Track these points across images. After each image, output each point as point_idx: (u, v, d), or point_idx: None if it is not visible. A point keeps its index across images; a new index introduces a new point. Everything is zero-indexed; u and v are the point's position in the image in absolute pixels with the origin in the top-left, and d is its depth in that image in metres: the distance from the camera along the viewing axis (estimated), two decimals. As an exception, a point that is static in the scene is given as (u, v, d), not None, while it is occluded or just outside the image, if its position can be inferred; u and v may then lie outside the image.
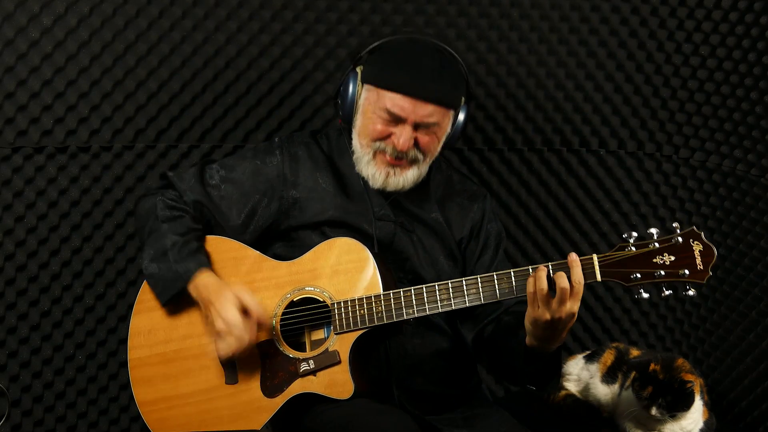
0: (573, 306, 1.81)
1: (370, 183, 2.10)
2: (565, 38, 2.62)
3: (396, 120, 2.04)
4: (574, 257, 1.82)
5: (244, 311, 1.95)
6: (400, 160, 2.07)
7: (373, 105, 2.06)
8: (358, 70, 2.09)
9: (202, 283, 2.01)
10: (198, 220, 2.11)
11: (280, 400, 1.99)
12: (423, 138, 2.06)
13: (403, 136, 2.04)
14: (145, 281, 2.12)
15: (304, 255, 2.04)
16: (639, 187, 2.76)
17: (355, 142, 2.12)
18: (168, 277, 2.03)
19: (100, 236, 2.50)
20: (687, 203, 2.73)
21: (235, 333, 1.94)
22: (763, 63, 2.50)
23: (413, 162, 2.09)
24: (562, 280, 1.79)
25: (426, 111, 2.03)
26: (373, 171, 2.09)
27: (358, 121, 2.10)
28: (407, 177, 2.10)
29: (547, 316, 1.81)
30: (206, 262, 2.05)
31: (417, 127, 2.04)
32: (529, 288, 1.84)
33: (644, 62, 2.66)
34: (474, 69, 2.59)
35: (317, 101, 2.55)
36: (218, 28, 2.44)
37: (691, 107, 2.66)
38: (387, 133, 2.06)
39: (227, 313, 1.94)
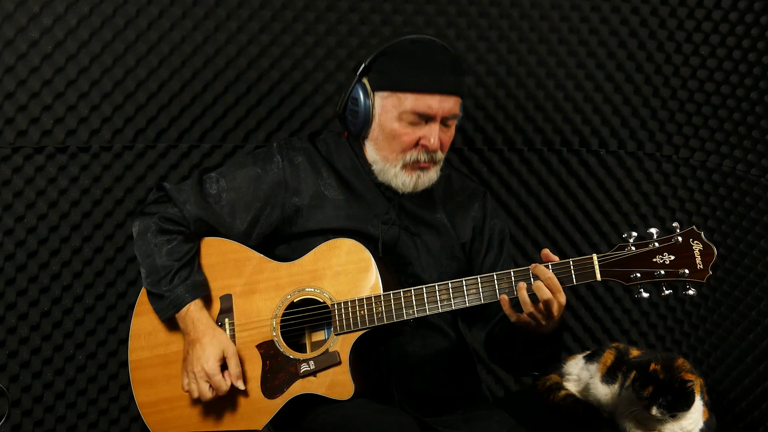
0: (561, 299, 1.86)
1: (401, 190, 2.08)
2: (565, 38, 2.62)
3: (425, 119, 2.03)
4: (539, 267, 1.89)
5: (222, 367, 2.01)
6: (430, 162, 2.07)
7: (392, 111, 2.03)
8: (365, 80, 2.06)
9: (192, 317, 2.04)
10: (193, 238, 2.11)
11: (280, 401, 1.99)
12: (444, 136, 2.07)
13: (434, 134, 2.03)
14: (145, 285, 2.13)
15: (304, 256, 2.04)
16: (639, 187, 2.76)
17: (374, 155, 2.10)
18: (163, 301, 2.05)
19: (100, 236, 2.50)
20: (687, 203, 2.73)
21: (213, 382, 1.99)
22: (763, 63, 2.50)
23: (437, 163, 2.09)
24: (541, 291, 1.85)
25: (450, 104, 2.04)
26: (403, 179, 2.07)
27: (375, 132, 2.07)
28: (431, 176, 2.10)
29: (544, 323, 1.88)
30: (198, 291, 2.06)
31: (443, 122, 2.05)
32: (512, 318, 1.90)
33: (644, 62, 2.65)
34: (474, 69, 2.59)
35: (317, 101, 2.55)
36: (218, 28, 2.44)
37: (691, 107, 2.66)
38: (415, 140, 2.04)
39: (208, 364, 1.99)
